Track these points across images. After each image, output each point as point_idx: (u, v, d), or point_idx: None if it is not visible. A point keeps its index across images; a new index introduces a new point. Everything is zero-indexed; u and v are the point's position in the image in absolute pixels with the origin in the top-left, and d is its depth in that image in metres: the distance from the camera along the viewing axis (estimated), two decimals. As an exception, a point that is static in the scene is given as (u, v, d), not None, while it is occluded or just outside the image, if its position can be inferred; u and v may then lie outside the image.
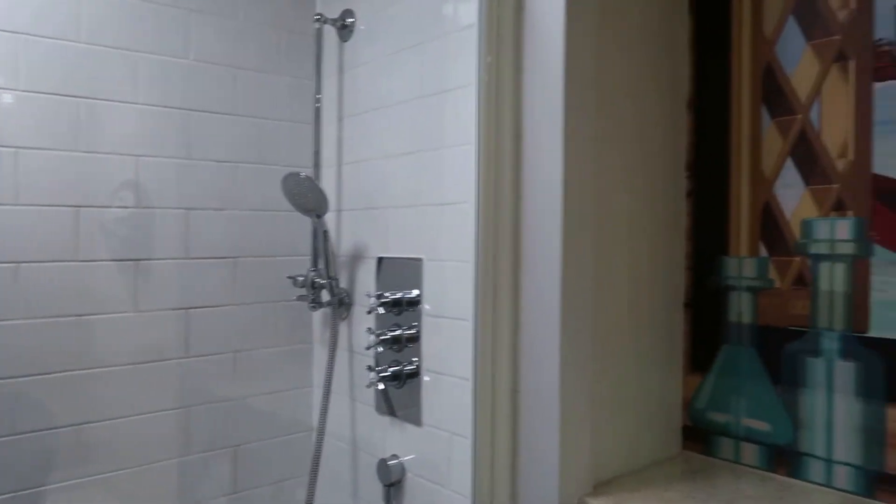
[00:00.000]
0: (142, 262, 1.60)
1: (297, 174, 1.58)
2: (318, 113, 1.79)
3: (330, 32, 1.83)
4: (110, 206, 1.55)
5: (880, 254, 1.18)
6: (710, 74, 1.43)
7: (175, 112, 1.65)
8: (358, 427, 1.72)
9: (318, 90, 1.78)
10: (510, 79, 1.29)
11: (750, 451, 1.36)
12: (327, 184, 1.83)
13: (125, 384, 1.57)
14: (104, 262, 1.55)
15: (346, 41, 1.80)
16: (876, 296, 1.18)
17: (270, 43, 1.81)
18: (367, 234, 1.70)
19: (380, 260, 1.65)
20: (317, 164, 1.78)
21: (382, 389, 1.60)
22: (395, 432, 1.58)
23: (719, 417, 1.41)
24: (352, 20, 1.77)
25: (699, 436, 1.45)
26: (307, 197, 1.61)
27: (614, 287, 1.33)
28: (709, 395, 1.43)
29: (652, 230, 1.41)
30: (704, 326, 1.44)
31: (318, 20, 1.76)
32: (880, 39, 1.19)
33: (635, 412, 1.38)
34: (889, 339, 1.17)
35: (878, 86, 1.19)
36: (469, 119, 1.32)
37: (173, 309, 1.65)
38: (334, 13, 1.80)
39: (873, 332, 1.19)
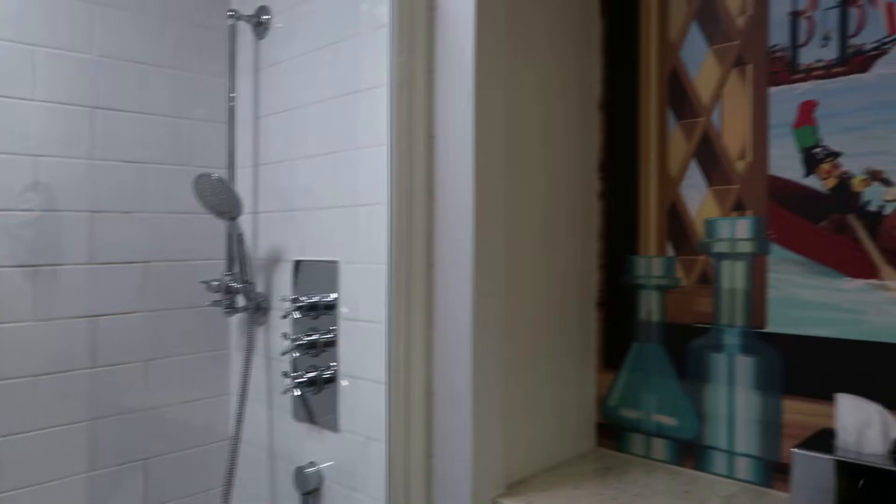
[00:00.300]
0: (45, 267, 1.52)
1: (209, 175, 1.53)
2: (232, 112, 1.74)
3: (245, 29, 1.78)
4: (13, 210, 1.46)
5: (776, 251, 1.23)
6: (620, 77, 1.46)
7: (79, 110, 1.57)
8: (275, 435, 1.68)
9: (233, 88, 1.73)
10: (423, 79, 1.29)
11: (660, 446, 1.39)
12: (243, 185, 1.78)
13: (26, 397, 1.49)
14: (5, 269, 1.46)
15: (261, 39, 1.76)
16: (772, 292, 1.23)
17: (182, 39, 1.75)
18: (285, 237, 1.66)
19: (297, 263, 1.61)
20: (231, 165, 1.73)
21: (299, 396, 1.57)
22: (313, 439, 1.55)
23: (631, 414, 1.43)
24: (267, 17, 1.73)
25: (612, 432, 1.47)
26: (220, 199, 1.57)
27: (528, 287, 1.34)
28: (621, 393, 1.45)
29: (566, 230, 1.43)
30: (616, 325, 1.46)
31: (231, 16, 1.72)
32: (775, 45, 1.24)
33: (550, 411, 1.40)
34: (784, 334, 1.21)
35: (772, 90, 1.24)
36: (382, 120, 1.31)
37: (80, 317, 1.58)
38: (249, 10, 1.75)
39: (771, 328, 1.23)
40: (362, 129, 1.39)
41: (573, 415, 1.46)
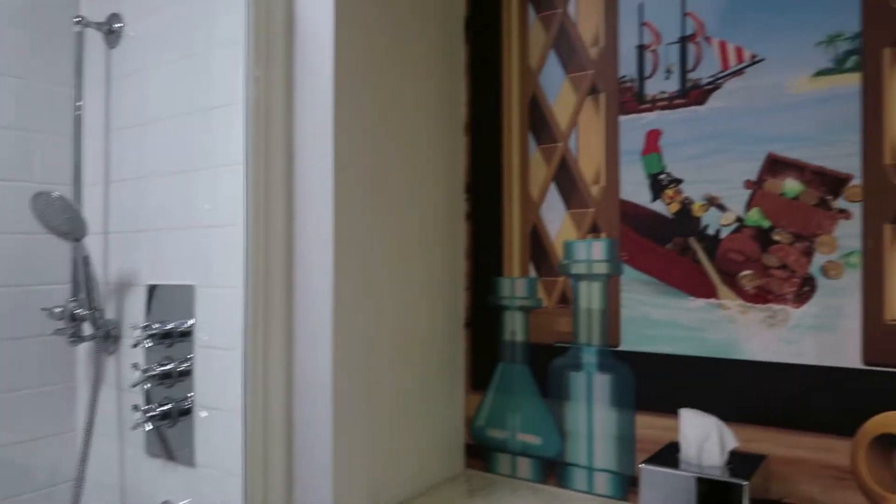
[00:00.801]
0: None
1: (49, 193, 1.41)
2: (78, 124, 1.61)
3: (96, 38, 1.66)
4: None
5: (628, 272, 1.28)
6: (484, 101, 1.49)
7: None
8: (127, 473, 1.56)
9: (79, 98, 1.61)
10: (281, 96, 1.25)
11: (525, 465, 1.41)
12: (92, 204, 1.65)
13: None
14: None
15: (113, 48, 1.64)
16: (625, 312, 1.28)
17: (23, 44, 1.61)
18: (137, 260, 1.55)
19: (151, 287, 1.51)
20: (77, 182, 1.60)
21: (153, 429, 1.46)
22: (168, 476, 1.45)
23: (498, 434, 1.45)
24: (120, 25, 1.63)
25: (480, 453, 1.48)
26: (61, 219, 1.44)
27: (395, 310, 1.32)
28: (487, 413, 1.46)
29: (433, 251, 1.43)
30: (483, 345, 1.47)
31: (78, 23, 1.60)
32: (624, 76, 1.30)
33: (419, 435, 1.38)
34: (636, 352, 1.27)
35: (622, 118, 1.30)
36: (238, 137, 1.25)
37: None
38: (100, 16, 1.64)
39: (624, 346, 1.28)
40: (218, 147, 1.33)
41: (443, 438, 1.45)
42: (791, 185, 1.12)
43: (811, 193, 1.10)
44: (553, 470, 1.37)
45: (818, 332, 1.09)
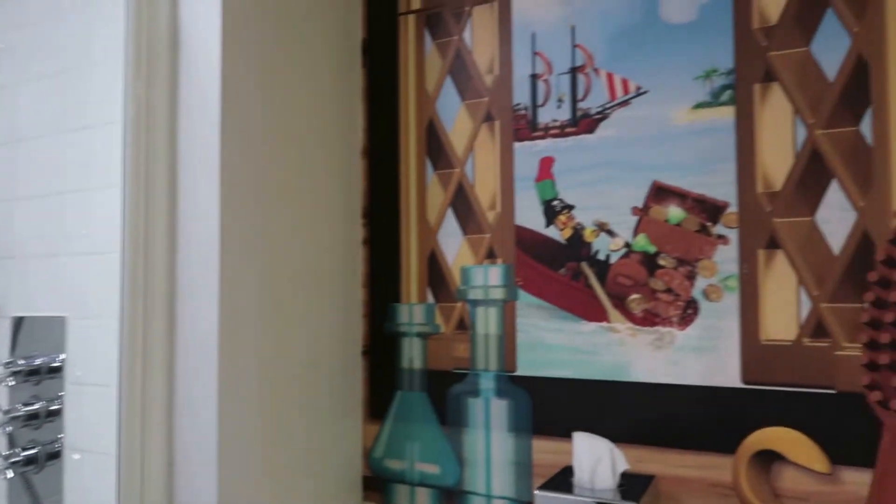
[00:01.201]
0: None
1: None
2: (-65, 142, 1.47)
3: (-42, 48, 1.53)
4: None
5: (523, 297, 1.29)
6: (381, 125, 1.47)
7: None
8: (-15, 526, 1.41)
9: (-64, 115, 1.47)
10: (165, 115, 1.18)
11: (423, 496, 1.38)
12: (-50, 228, 1.50)
13: None
14: None
15: (-22, 60, 1.51)
16: (521, 337, 1.29)
17: None
18: (3, 289, 1.42)
19: (17, 320, 1.38)
20: (-68, 204, 1.45)
21: (15, 477, 1.33)
22: (33, 526, 1.32)
23: (396, 465, 1.41)
24: (-14, 36, 1.50)
25: (378, 485, 1.43)
26: (-89, 245, 1.30)
27: (289, 339, 1.27)
28: (385, 443, 1.43)
29: (329, 278, 1.39)
30: (382, 373, 1.44)
31: (-63, 31, 1.46)
32: (518, 104, 1.32)
33: (314, 468, 1.32)
34: (532, 377, 1.27)
35: (517, 145, 1.31)
36: (116, 158, 1.17)
37: None
38: (-37, 25, 1.51)
39: (520, 371, 1.28)
40: (94, 169, 1.24)
41: (340, 470, 1.40)
42: (674, 211, 1.17)
43: (693, 220, 1.15)
44: (452, 499, 1.34)
45: (701, 354, 1.13)
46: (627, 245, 1.20)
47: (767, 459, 1.07)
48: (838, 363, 1.03)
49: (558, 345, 1.25)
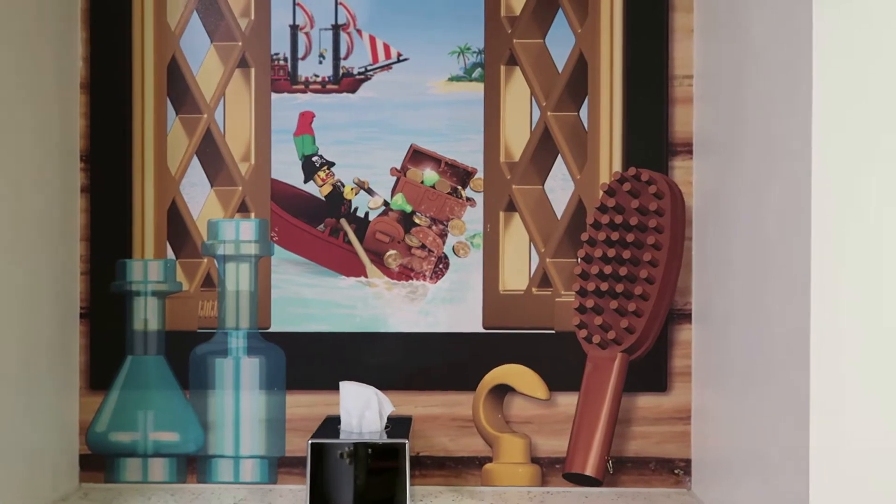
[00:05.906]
0: None
1: None
2: None
3: None
4: None
5: (278, 252, 1.27)
6: (108, 57, 1.28)
7: None
8: None
9: None
10: None
11: (159, 467, 1.27)
12: None
13: None
14: None
15: None
16: (276, 293, 1.27)
17: None
18: None
19: None
20: None
21: None
22: None
23: (124, 438, 1.27)
24: None
25: (101, 463, 1.27)
26: None
27: (-11, 300, 1.04)
28: (111, 415, 1.27)
29: (37, 230, 1.17)
30: (106, 338, 1.28)
31: None
32: (277, 54, 1.28)
33: (22, 453, 1.12)
34: (286, 332, 1.26)
35: (275, 97, 1.27)
36: None
37: None
38: None
39: (274, 328, 1.26)
40: None
41: (51, 451, 1.20)
42: (429, 174, 1.26)
43: (445, 183, 1.26)
44: (194, 466, 1.27)
45: (450, 304, 1.25)
46: (386, 203, 1.27)
47: (500, 393, 1.25)
48: (558, 308, 1.25)
49: (316, 300, 1.26)
